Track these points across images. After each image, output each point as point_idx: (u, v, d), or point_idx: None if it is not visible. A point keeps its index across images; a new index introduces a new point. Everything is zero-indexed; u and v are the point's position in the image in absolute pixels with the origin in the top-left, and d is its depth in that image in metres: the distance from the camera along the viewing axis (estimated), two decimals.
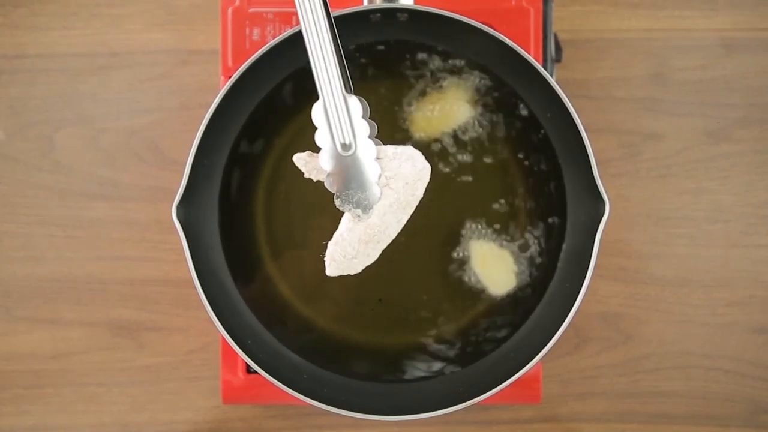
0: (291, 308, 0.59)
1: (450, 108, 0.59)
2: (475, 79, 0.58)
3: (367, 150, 0.48)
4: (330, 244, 0.50)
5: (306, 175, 0.49)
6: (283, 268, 0.59)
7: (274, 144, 0.59)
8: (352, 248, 0.49)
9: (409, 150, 0.49)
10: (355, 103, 0.47)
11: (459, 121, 0.59)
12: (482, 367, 0.58)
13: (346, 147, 0.47)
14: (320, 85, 0.46)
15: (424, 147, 0.58)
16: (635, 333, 0.66)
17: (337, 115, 0.47)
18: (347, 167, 0.48)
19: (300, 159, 0.49)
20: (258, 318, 0.58)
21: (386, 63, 0.59)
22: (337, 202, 0.49)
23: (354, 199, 0.48)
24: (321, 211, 0.58)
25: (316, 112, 0.47)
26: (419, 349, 0.59)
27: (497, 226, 0.59)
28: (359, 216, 0.49)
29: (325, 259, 0.50)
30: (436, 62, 0.58)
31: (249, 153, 0.59)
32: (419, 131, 0.59)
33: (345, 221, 0.50)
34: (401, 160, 0.49)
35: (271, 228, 0.59)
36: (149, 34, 0.67)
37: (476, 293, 0.59)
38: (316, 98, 0.47)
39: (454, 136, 0.59)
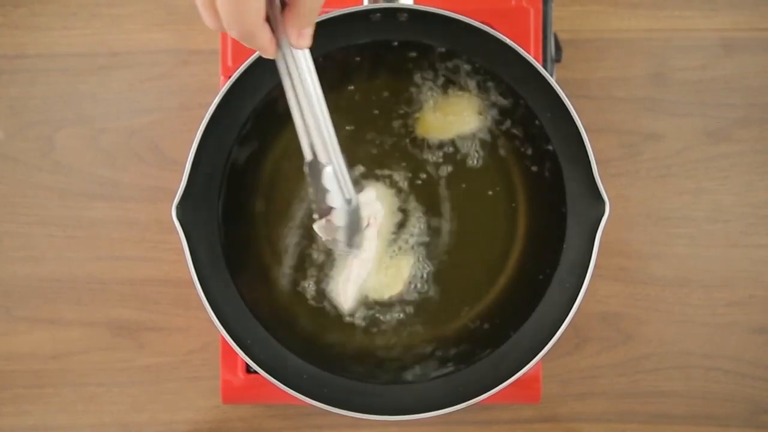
0: (291, 308, 0.59)
1: (449, 109, 0.59)
2: (475, 79, 0.58)
3: (357, 198, 0.52)
4: (341, 283, 0.57)
5: (324, 238, 0.54)
6: (283, 268, 0.59)
7: (274, 143, 0.59)
8: (356, 277, 0.58)
9: (373, 191, 0.57)
10: (344, 160, 0.49)
11: (460, 121, 0.59)
12: (482, 367, 0.57)
13: (349, 201, 0.51)
14: (327, 155, 0.48)
15: (423, 148, 0.58)
16: (635, 333, 0.66)
17: (341, 175, 0.49)
18: (350, 217, 0.52)
19: (321, 228, 0.53)
20: (258, 318, 0.58)
21: (386, 63, 0.59)
22: (344, 249, 0.55)
23: (353, 242, 0.55)
24: None
25: (327, 178, 0.49)
26: (419, 349, 0.59)
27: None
28: (356, 254, 0.57)
29: (342, 301, 0.58)
30: (435, 62, 0.58)
31: (249, 153, 0.59)
32: (421, 132, 0.59)
33: (352, 263, 0.58)
34: (373, 200, 0.57)
35: (271, 228, 0.59)
36: (149, 34, 0.67)
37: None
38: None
39: (454, 137, 0.59)
